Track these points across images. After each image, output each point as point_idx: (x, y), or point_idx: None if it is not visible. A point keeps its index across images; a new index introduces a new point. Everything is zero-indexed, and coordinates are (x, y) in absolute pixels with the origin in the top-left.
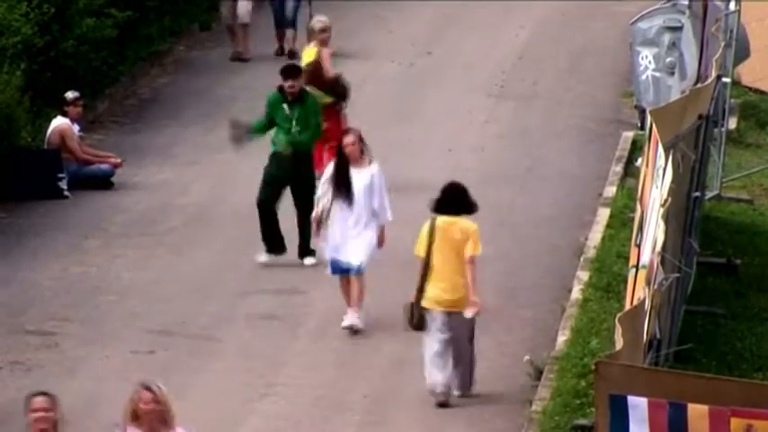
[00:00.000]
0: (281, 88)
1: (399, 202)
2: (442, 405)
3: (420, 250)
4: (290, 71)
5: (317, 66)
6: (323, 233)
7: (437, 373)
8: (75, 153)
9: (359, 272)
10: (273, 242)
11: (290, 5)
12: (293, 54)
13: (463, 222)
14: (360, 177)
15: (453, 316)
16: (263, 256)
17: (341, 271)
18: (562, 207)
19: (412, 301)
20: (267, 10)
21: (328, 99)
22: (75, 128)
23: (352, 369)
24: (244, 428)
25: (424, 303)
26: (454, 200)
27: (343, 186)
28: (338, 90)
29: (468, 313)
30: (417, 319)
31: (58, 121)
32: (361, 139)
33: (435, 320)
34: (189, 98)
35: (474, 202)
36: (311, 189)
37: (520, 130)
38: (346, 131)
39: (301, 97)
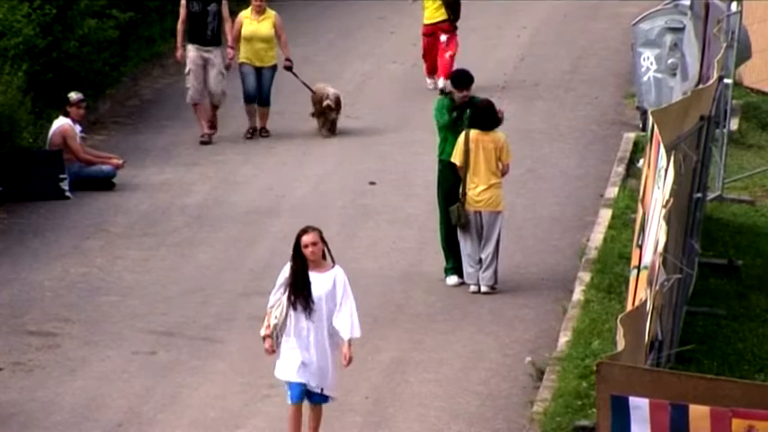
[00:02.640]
0: (445, 94)
1: (401, 203)
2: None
3: (456, 158)
4: (466, 81)
5: None
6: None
7: (471, 271)
8: (77, 154)
9: (322, 400)
10: (459, 263)
11: (266, 77)
12: (266, 133)
13: (493, 134)
14: (321, 283)
15: (486, 214)
16: (454, 278)
17: (300, 397)
18: (564, 208)
19: (458, 204)
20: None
21: (448, 15)
22: (77, 128)
23: (354, 370)
24: (245, 429)
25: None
26: (485, 116)
27: (300, 293)
28: (458, 9)
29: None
30: (461, 218)
31: (60, 122)
32: (322, 239)
33: (472, 219)
34: None
35: (499, 118)
36: None
37: (521, 131)
38: (306, 230)
39: (471, 103)
